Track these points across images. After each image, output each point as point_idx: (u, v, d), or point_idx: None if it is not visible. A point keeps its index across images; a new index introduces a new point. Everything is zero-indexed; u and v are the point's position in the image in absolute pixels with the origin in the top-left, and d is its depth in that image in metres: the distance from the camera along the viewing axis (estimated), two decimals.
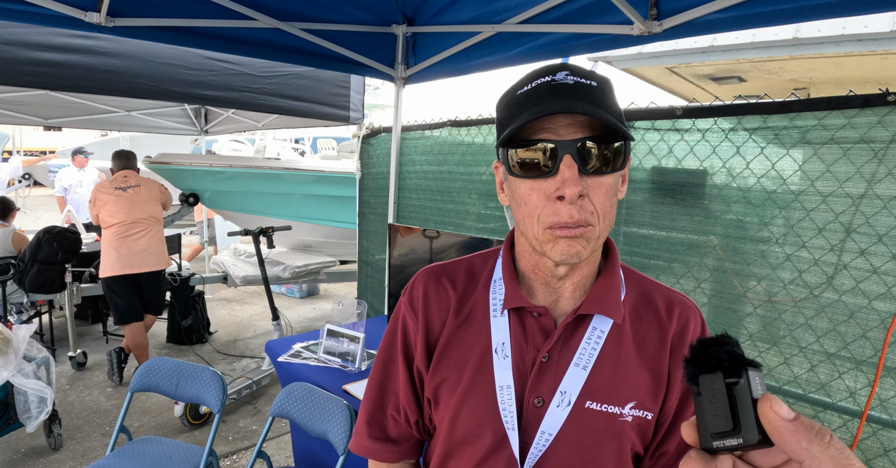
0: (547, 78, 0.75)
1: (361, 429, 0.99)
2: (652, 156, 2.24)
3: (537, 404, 0.82)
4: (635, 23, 2.07)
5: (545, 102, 0.73)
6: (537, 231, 0.77)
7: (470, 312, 0.91)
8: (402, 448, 0.98)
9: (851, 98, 1.75)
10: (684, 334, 0.86)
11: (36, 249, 4.30)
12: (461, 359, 0.88)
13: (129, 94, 3.57)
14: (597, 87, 0.75)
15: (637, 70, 6.33)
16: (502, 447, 0.83)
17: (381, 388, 0.98)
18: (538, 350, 0.84)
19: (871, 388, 1.74)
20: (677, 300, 0.89)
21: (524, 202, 0.77)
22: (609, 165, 0.75)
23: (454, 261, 0.98)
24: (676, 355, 0.85)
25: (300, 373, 2.48)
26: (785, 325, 1.94)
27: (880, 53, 4.89)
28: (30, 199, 13.98)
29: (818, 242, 1.85)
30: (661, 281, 0.93)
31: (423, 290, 0.94)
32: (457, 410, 0.86)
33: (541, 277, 0.86)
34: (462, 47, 2.84)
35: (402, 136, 3.48)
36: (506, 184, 0.83)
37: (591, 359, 0.83)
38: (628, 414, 0.82)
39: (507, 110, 0.79)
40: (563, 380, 0.82)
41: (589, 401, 0.82)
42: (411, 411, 0.95)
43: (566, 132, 0.73)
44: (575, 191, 0.71)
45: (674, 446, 0.85)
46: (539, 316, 0.85)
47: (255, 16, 2.62)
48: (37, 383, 2.96)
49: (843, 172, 1.78)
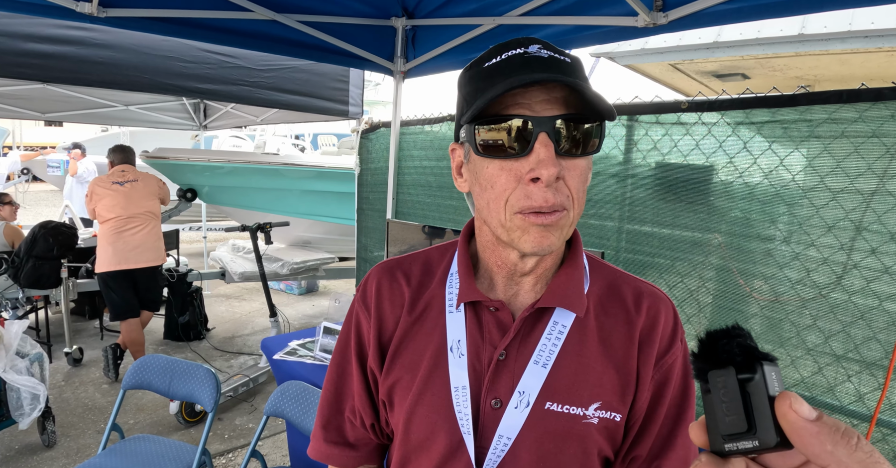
0: (519, 50, 0.68)
1: (318, 433, 0.93)
2: (656, 151, 2.18)
3: (494, 406, 0.76)
4: (640, 14, 2.01)
5: (521, 74, 0.65)
6: (504, 217, 0.70)
7: (425, 308, 0.84)
8: (360, 453, 0.92)
9: (863, 92, 1.70)
10: (654, 328, 0.78)
11: (31, 244, 4.26)
12: (415, 359, 0.81)
13: (123, 87, 3.52)
14: (571, 63, 0.68)
15: (640, 66, 6.25)
16: (459, 452, 0.76)
17: (336, 391, 0.92)
18: (495, 347, 0.77)
19: (881, 392, 1.69)
20: (646, 291, 0.82)
21: (491, 185, 0.70)
22: (586, 147, 0.69)
23: (411, 255, 0.91)
24: (645, 351, 0.78)
25: (295, 372, 2.44)
26: (792, 326, 1.89)
27: (887, 50, 4.83)
28: (28, 194, 13.95)
29: (827, 240, 1.80)
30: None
31: (376, 286, 0.87)
32: (410, 413, 0.80)
33: (503, 270, 0.79)
34: (462, 40, 2.79)
35: (401, 131, 3.43)
36: (467, 167, 0.76)
37: (552, 357, 0.76)
38: (593, 415, 0.75)
39: (473, 83, 0.71)
40: (521, 379, 0.75)
41: (549, 401, 0.75)
42: (366, 414, 0.89)
43: (541, 108, 0.66)
44: (553, 171, 0.65)
45: (646, 450, 0.79)
46: (496, 311, 0.78)
47: (251, 7, 2.57)
48: (30, 380, 2.91)
49: (853, 168, 1.73)
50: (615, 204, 2.34)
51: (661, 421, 0.79)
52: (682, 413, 0.80)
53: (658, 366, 0.78)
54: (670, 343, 0.79)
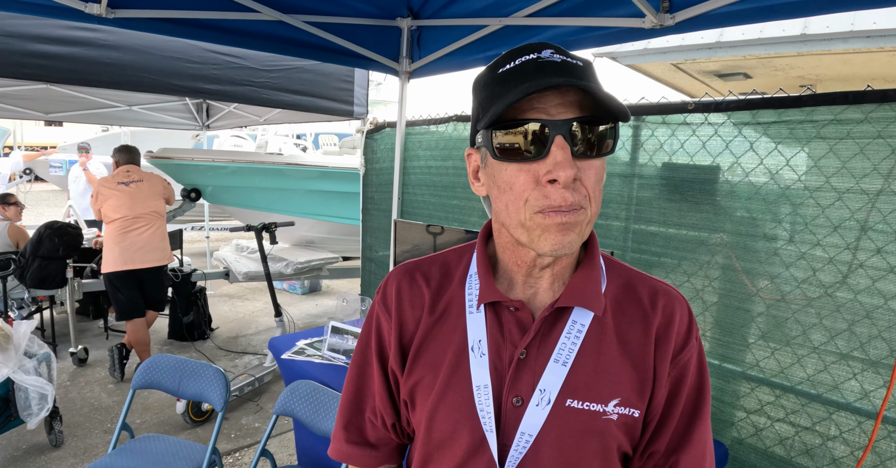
0: (532, 55, 0.70)
1: (339, 433, 0.95)
2: (663, 152, 2.20)
3: (516, 403, 0.78)
4: (647, 15, 2.03)
5: (536, 79, 0.67)
6: (524, 217, 0.71)
7: (445, 309, 0.86)
8: (381, 452, 0.94)
9: (869, 93, 1.72)
10: (669, 326, 0.81)
11: (37, 244, 4.28)
12: (436, 359, 0.83)
13: (130, 88, 3.54)
14: (583, 67, 0.70)
15: (642, 66, 6.27)
16: (481, 450, 0.78)
17: (357, 392, 0.94)
18: (515, 346, 0.79)
19: (886, 389, 1.71)
20: (662, 290, 0.83)
21: (509, 187, 0.71)
22: (601, 148, 0.71)
23: (429, 257, 0.93)
24: (662, 348, 0.80)
25: (304, 371, 2.45)
26: (797, 325, 1.91)
27: (889, 50, 4.84)
28: (31, 194, 13.96)
29: (833, 240, 1.81)
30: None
31: (396, 289, 0.89)
32: (433, 412, 0.82)
33: (522, 270, 0.81)
34: (468, 41, 2.80)
35: (406, 132, 3.45)
36: (484, 171, 0.78)
37: (572, 355, 0.78)
38: (612, 412, 0.77)
39: (489, 89, 0.73)
40: (541, 377, 0.77)
41: (570, 398, 0.77)
42: (387, 414, 0.91)
43: (556, 112, 0.68)
44: (570, 173, 0.67)
45: (664, 445, 0.81)
46: (516, 311, 0.80)
47: (258, 8, 2.58)
48: (37, 380, 2.93)
49: (859, 168, 1.74)
50: (622, 204, 2.36)
51: (679, 416, 0.81)
52: (698, 408, 0.82)
53: (674, 364, 0.80)
54: (686, 340, 0.81)
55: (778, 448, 1.97)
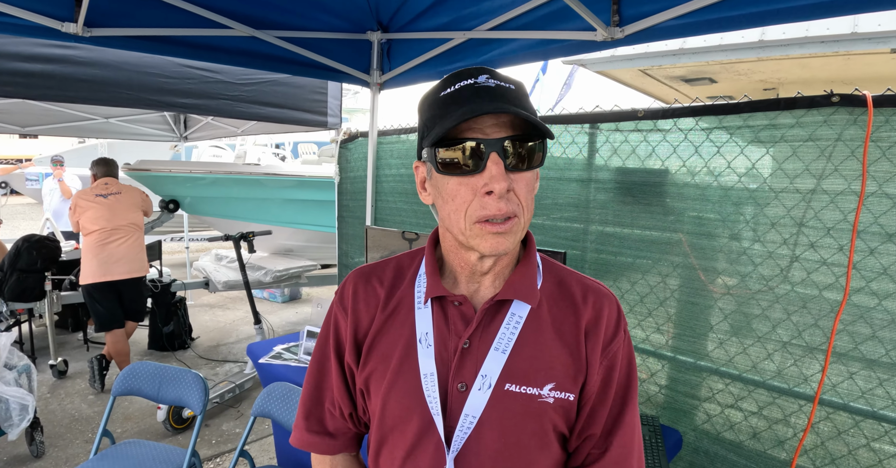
0: (469, 81, 0.80)
1: (300, 423, 1.04)
2: (616, 156, 2.33)
3: (461, 389, 0.86)
4: (598, 29, 2.15)
5: (472, 103, 0.77)
6: (465, 225, 0.81)
7: (396, 306, 0.95)
8: (339, 441, 1.03)
9: (799, 99, 1.86)
10: (599, 320, 0.90)
11: (15, 258, 4.29)
12: (388, 350, 0.92)
13: (107, 103, 3.59)
14: (514, 89, 0.80)
15: (611, 72, 6.44)
16: (430, 431, 0.87)
17: (317, 385, 1.03)
18: (460, 337, 0.88)
19: (821, 374, 1.84)
20: (592, 288, 0.94)
21: (452, 198, 0.81)
22: (530, 161, 0.81)
23: (384, 261, 1.03)
24: (592, 340, 0.89)
25: (281, 374, 2.53)
26: (743, 316, 2.04)
27: (843, 54, 5.05)
28: (6, 208, 13.78)
29: (771, 236, 1.95)
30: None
31: (352, 290, 0.99)
32: (385, 399, 0.91)
33: (466, 270, 0.91)
34: (435, 53, 2.91)
35: (378, 141, 3.55)
36: (430, 182, 0.87)
37: (510, 343, 0.87)
38: (548, 395, 0.86)
39: (432, 110, 0.82)
40: (483, 364, 0.86)
41: (508, 383, 0.86)
42: (345, 405, 1.00)
43: (491, 131, 0.78)
44: (504, 185, 0.76)
45: (600, 428, 0.90)
46: (460, 305, 0.90)
47: (230, 24, 2.67)
48: (18, 390, 2.96)
49: (792, 169, 1.88)
50: (580, 206, 2.48)
51: (612, 401, 0.91)
52: (627, 394, 0.92)
53: (605, 354, 0.90)
54: (614, 333, 0.91)
55: (728, 433, 2.09)
